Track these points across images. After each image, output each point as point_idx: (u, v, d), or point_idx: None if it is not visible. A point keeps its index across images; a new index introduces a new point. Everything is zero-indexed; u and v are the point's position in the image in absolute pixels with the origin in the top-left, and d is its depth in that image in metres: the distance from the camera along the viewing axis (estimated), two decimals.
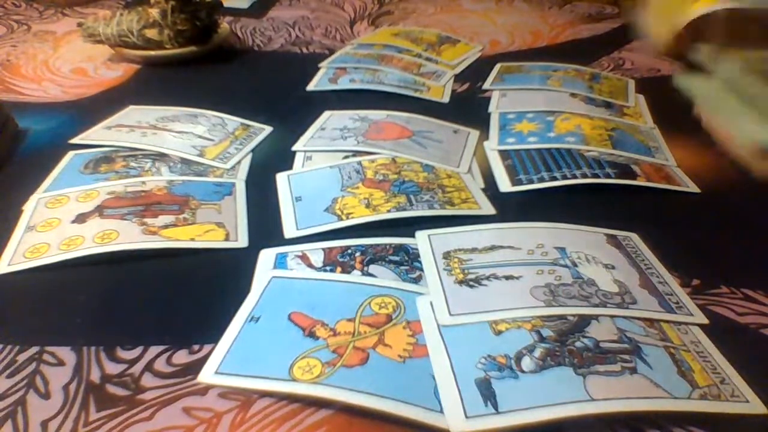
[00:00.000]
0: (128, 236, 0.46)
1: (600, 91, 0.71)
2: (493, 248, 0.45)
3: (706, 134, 0.62)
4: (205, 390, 0.35)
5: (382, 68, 0.79)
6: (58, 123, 0.66)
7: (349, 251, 0.45)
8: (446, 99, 0.73)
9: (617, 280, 0.42)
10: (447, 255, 0.44)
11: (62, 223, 0.48)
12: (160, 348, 0.38)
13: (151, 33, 0.80)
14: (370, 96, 0.72)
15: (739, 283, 0.43)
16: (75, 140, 0.60)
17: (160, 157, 0.58)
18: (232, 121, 0.63)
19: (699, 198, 0.54)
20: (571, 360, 0.35)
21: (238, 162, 0.58)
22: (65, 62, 0.83)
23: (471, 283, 0.41)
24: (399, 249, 0.45)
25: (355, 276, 0.43)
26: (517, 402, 0.33)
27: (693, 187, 0.55)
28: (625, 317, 0.39)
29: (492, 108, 0.69)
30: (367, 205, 0.50)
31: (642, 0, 0.45)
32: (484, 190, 0.54)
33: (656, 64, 0.82)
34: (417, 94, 0.73)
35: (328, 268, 0.43)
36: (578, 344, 0.36)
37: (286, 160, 0.59)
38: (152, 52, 0.81)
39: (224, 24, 0.90)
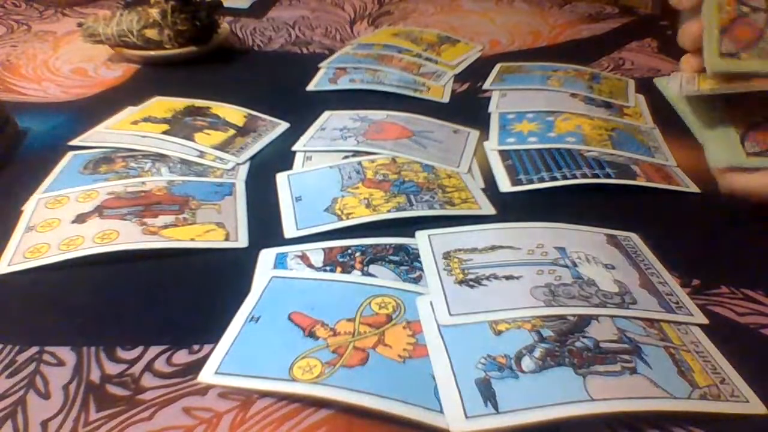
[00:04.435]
0: (128, 236, 0.46)
1: (600, 91, 0.71)
2: (493, 248, 0.45)
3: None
4: (205, 390, 0.35)
5: (382, 68, 0.79)
6: (58, 123, 0.66)
7: (349, 251, 0.45)
8: (446, 99, 0.73)
9: (617, 280, 0.42)
10: (447, 255, 0.44)
11: (62, 224, 0.48)
12: (160, 348, 0.38)
13: (151, 33, 0.80)
14: (370, 96, 0.72)
15: (739, 283, 0.43)
16: (74, 142, 0.60)
17: (160, 157, 0.58)
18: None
19: (699, 198, 0.54)
20: (571, 360, 0.35)
21: (243, 162, 0.58)
22: (65, 62, 0.83)
23: (471, 283, 0.41)
24: (399, 249, 0.45)
25: (355, 276, 0.43)
26: (517, 402, 0.33)
27: (693, 187, 0.55)
28: (625, 317, 0.39)
29: (492, 108, 0.69)
30: (367, 205, 0.50)
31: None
32: (484, 190, 0.54)
33: (656, 64, 0.82)
34: (417, 94, 0.73)
35: (328, 268, 0.43)
36: (578, 344, 0.36)
37: (285, 160, 0.59)
38: (152, 52, 0.81)
39: (224, 24, 0.90)
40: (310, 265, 0.44)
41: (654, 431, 0.33)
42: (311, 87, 0.76)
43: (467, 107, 0.71)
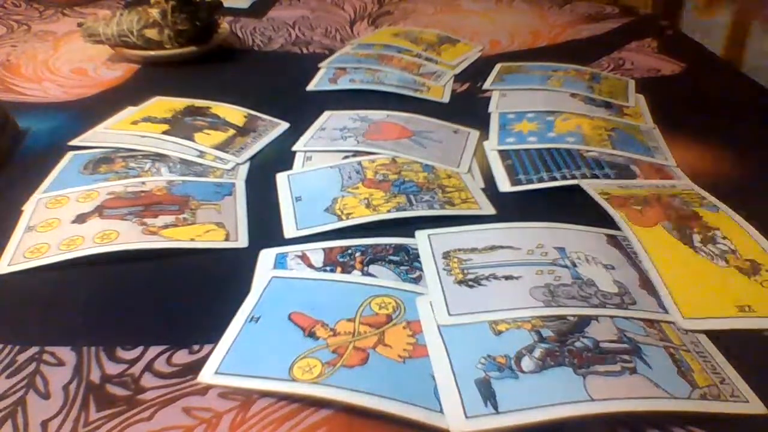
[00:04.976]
0: (128, 236, 0.46)
1: (600, 91, 0.71)
2: (492, 248, 0.45)
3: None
4: (205, 390, 0.35)
5: (382, 68, 0.79)
6: (58, 123, 0.66)
7: (349, 251, 0.45)
8: (446, 99, 0.73)
9: (617, 281, 0.42)
10: (447, 255, 0.44)
11: (62, 224, 0.48)
12: (160, 348, 0.38)
13: (151, 33, 0.80)
14: (370, 96, 0.72)
15: None
16: (74, 142, 0.60)
17: (160, 157, 0.58)
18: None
19: None
20: (570, 360, 0.35)
21: (243, 162, 0.58)
22: (65, 62, 0.83)
23: (470, 283, 0.41)
24: (399, 249, 0.45)
25: (355, 276, 0.43)
26: (516, 402, 0.33)
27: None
28: (624, 318, 0.39)
29: (492, 108, 0.69)
30: (367, 205, 0.50)
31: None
32: (483, 190, 0.54)
33: (656, 64, 0.82)
34: (417, 94, 0.73)
35: (328, 268, 0.43)
36: (578, 344, 0.36)
37: (286, 160, 0.59)
38: (152, 52, 0.81)
39: (224, 24, 0.90)
40: (310, 265, 0.44)
41: (654, 431, 0.33)
42: (311, 87, 0.76)
43: (467, 107, 0.71)
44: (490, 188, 0.55)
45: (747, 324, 0.39)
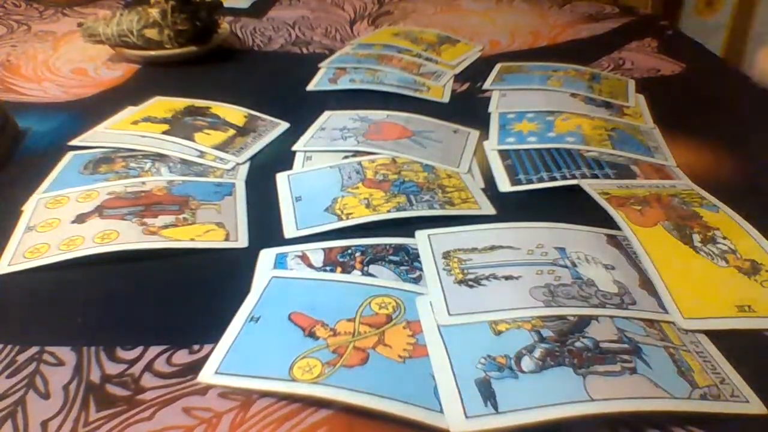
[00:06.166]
0: (128, 236, 0.46)
1: (600, 91, 0.71)
2: (492, 248, 0.45)
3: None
4: (205, 390, 0.35)
5: (382, 68, 0.79)
6: (58, 123, 0.66)
7: (349, 251, 0.45)
8: (446, 99, 0.73)
9: (617, 281, 0.42)
10: (446, 255, 0.44)
11: (62, 224, 0.48)
12: (160, 348, 0.38)
13: (151, 33, 0.80)
14: (370, 96, 0.72)
15: None
16: (74, 142, 0.60)
17: (160, 157, 0.58)
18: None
19: None
20: (570, 360, 0.35)
21: (243, 162, 0.58)
22: (65, 62, 0.83)
23: (470, 283, 0.41)
24: (399, 249, 0.45)
25: (355, 276, 0.43)
26: (516, 402, 0.33)
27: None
28: (624, 317, 0.39)
29: (492, 108, 0.69)
30: (367, 205, 0.50)
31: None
32: (483, 190, 0.54)
33: (656, 64, 0.82)
34: (417, 94, 0.73)
35: (328, 268, 0.43)
36: (578, 344, 0.36)
37: (285, 160, 0.59)
38: (152, 52, 0.81)
39: (224, 24, 0.90)
40: (310, 265, 0.44)
41: (654, 431, 0.33)
42: (311, 87, 0.76)
43: (467, 107, 0.71)
44: (490, 188, 0.55)
45: (747, 324, 0.39)
